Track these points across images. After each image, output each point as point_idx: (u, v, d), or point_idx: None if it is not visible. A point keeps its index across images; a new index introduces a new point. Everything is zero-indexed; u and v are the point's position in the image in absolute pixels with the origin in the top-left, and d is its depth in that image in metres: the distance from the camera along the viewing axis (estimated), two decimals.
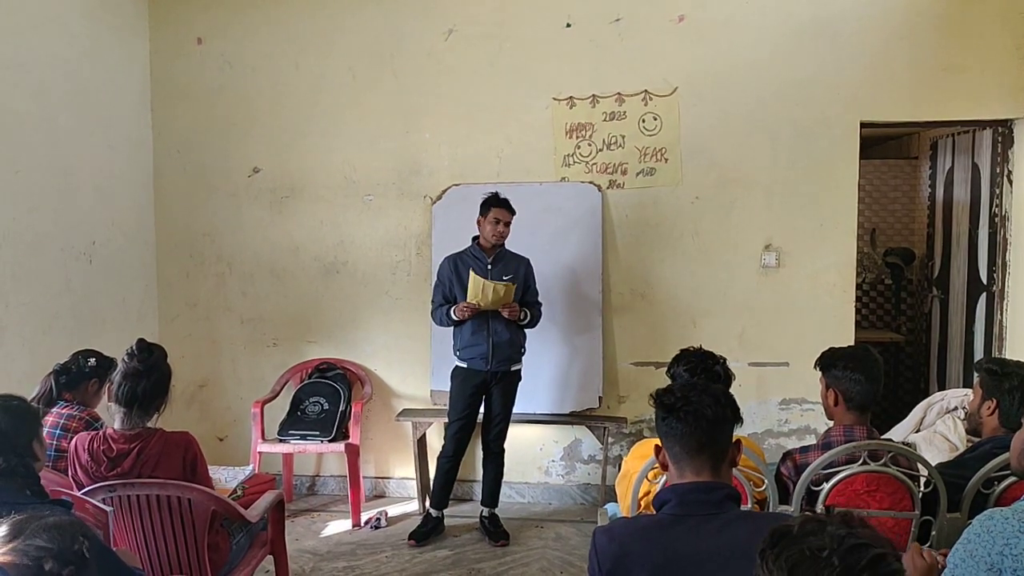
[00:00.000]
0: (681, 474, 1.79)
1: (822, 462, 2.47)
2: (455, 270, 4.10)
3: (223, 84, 4.81)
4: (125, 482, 2.55)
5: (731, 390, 2.79)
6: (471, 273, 3.98)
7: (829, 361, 2.65)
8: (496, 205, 4.03)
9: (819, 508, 2.48)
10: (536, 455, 4.75)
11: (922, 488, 2.47)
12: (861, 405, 2.58)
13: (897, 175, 5.98)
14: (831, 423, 2.68)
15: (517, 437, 4.67)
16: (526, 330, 4.20)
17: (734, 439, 1.83)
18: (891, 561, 1.03)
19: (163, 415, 2.73)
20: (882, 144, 6.43)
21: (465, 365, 4.12)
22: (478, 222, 4.10)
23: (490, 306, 3.97)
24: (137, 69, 4.74)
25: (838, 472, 2.47)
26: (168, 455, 2.60)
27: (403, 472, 4.82)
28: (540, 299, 4.26)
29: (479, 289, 3.93)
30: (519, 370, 4.22)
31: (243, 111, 4.81)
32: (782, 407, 4.58)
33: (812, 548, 1.05)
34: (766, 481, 2.52)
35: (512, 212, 4.06)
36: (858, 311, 6.10)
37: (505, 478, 4.41)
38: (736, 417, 1.80)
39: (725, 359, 2.74)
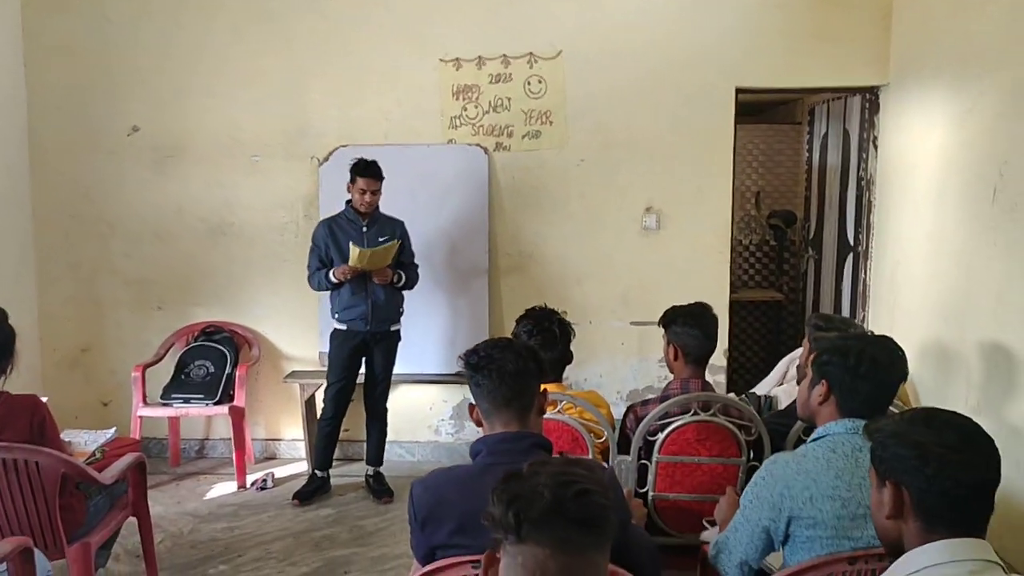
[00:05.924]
0: (492, 428, 1.88)
1: (657, 413, 2.61)
2: (331, 234, 4.09)
3: (103, 39, 4.66)
4: None
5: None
6: (351, 245, 3.96)
7: (670, 318, 2.80)
8: (362, 175, 3.99)
9: (655, 457, 2.62)
10: (426, 414, 4.83)
11: (750, 436, 2.64)
12: (698, 359, 2.73)
13: (782, 140, 6.17)
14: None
15: (406, 397, 4.75)
16: (406, 291, 4.24)
17: (543, 389, 1.92)
18: (596, 496, 1.14)
19: (24, 378, 2.70)
20: (772, 109, 6.62)
21: (344, 327, 4.14)
22: (348, 187, 4.08)
23: (369, 267, 3.99)
24: (7, 23, 4.54)
25: (672, 422, 2.61)
26: (14, 417, 2.58)
27: (293, 434, 4.84)
28: (416, 261, 4.28)
29: (359, 257, 3.92)
30: (398, 331, 4.26)
31: (124, 68, 4.67)
32: (661, 364, 4.73)
33: (531, 484, 1.16)
34: (606, 432, 2.65)
35: (380, 178, 4.03)
36: (744, 271, 6.34)
37: (395, 437, 4.47)
38: (540, 369, 1.89)
39: (565, 312, 2.84)
